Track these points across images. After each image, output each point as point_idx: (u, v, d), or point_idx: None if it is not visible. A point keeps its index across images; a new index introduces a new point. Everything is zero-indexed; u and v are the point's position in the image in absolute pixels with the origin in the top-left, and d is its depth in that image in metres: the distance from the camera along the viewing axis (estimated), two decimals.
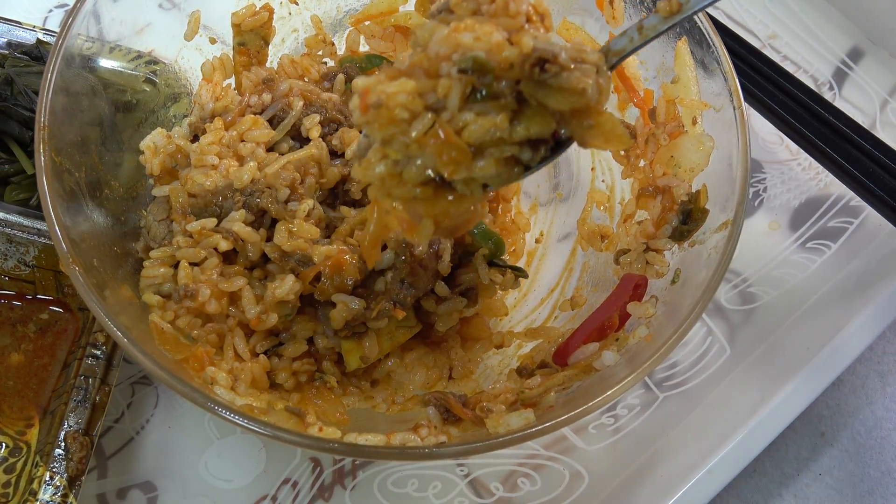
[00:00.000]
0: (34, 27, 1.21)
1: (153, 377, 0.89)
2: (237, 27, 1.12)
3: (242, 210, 0.99)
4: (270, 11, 1.14)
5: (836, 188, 1.32)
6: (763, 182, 1.35)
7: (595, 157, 1.18)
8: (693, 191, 0.99)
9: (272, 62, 1.18)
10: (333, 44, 1.21)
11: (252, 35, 1.14)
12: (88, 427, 1.00)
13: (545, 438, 1.14)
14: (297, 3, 1.18)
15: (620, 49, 0.83)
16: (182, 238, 0.99)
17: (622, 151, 1.09)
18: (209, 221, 0.99)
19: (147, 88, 1.09)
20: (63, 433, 0.98)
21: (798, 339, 1.19)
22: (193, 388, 0.83)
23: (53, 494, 0.96)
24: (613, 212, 1.14)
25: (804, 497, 1.20)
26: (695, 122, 1.00)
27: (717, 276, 0.89)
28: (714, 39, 0.98)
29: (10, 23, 1.21)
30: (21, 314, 1.13)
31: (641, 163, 1.05)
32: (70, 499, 0.96)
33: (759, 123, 1.32)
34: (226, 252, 1.00)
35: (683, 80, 1.02)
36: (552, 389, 0.93)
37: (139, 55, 1.07)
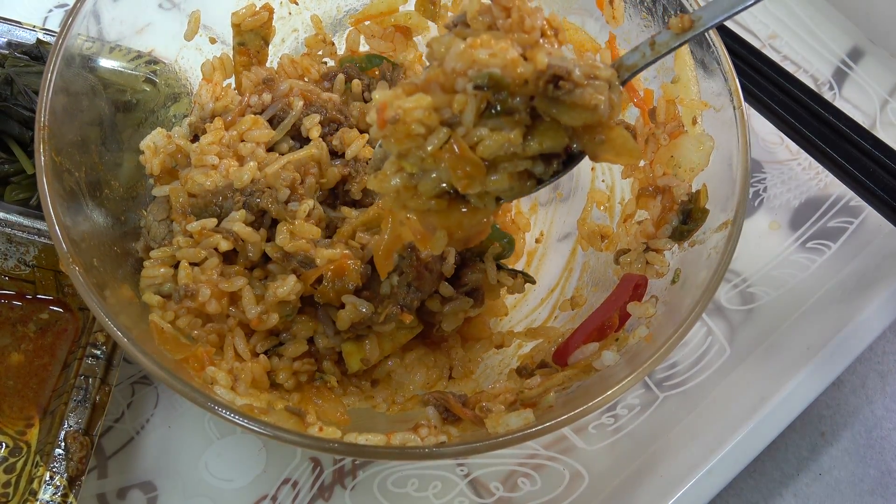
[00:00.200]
0: (34, 27, 1.21)
1: (153, 377, 0.90)
2: (237, 27, 1.13)
3: (243, 210, 0.99)
4: (270, 11, 1.14)
5: (836, 188, 1.32)
6: (763, 182, 1.35)
7: None
8: (693, 191, 0.99)
9: (272, 62, 1.18)
10: (333, 44, 1.21)
11: (252, 35, 1.14)
12: (88, 427, 1.00)
13: (545, 438, 1.14)
14: (297, 3, 1.18)
15: (633, 64, 0.85)
16: (182, 238, 0.99)
17: None
18: (209, 221, 0.99)
19: (147, 88, 1.09)
20: (63, 433, 0.98)
21: (798, 339, 1.19)
22: (194, 388, 0.83)
23: (53, 494, 0.96)
24: (613, 212, 1.14)
25: (804, 497, 1.20)
26: (695, 122, 1.00)
27: (718, 276, 0.89)
28: (714, 40, 0.98)
29: (10, 23, 1.21)
30: (21, 314, 1.13)
31: (641, 163, 1.05)
32: (70, 499, 0.96)
33: (759, 123, 1.32)
34: (226, 252, 0.99)
35: (683, 80, 1.02)
36: (552, 389, 0.93)
37: (139, 55, 1.07)
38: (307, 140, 1.06)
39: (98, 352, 1.03)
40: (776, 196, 1.34)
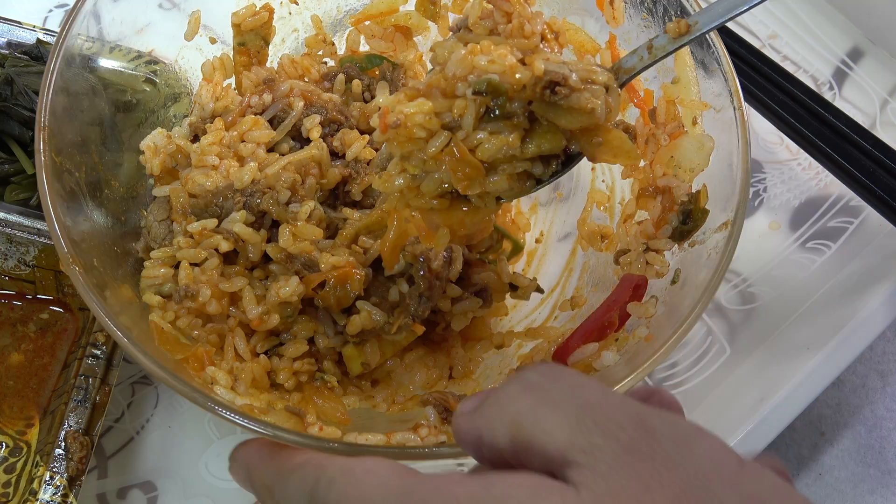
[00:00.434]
0: (34, 27, 1.21)
1: (153, 377, 0.90)
2: (237, 27, 1.12)
3: (243, 211, 0.99)
4: (270, 11, 1.13)
5: (836, 188, 1.32)
6: (763, 182, 1.35)
7: None
8: (693, 191, 0.99)
9: (272, 62, 1.18)
10: (334, 44, 1.20)
11: (252, 35, 1.13)
12: (88, 427, 1.00)
13: None
14: (298, 3, 1.18)
15: (630, 67, 0.87)
16: (183, 238, 0.99)
17: None
18: (210, 222, 0.99)
19: (147, 88, 1.09)
20: (63, 433, 0.98)
21: (798, 339, 1.19)
22: (194, 388, 0.83)
23: (53, 494, 0.96)
24: (613, 212, 1.13)
25: (804, 497, 1.20)
26: (695, 123, 1.00)
27: (718, 277, 0.89)
28: (714, 40, 0.98)
29: (10, 23, 1.21)
30: (21, 314, 1.13)
31: (641, 163, 1.05)
32: (70, 499, 0.96)
33: (759, 123, 1.32)
34: (226, 253, 0.99)
35: (683, 81, 1.02)
36: None
37: (139, 55, 1.07)
38: (307, 141, 1.06)
39: (98, 352, 1.04)
40: (776, 196, 1.34)
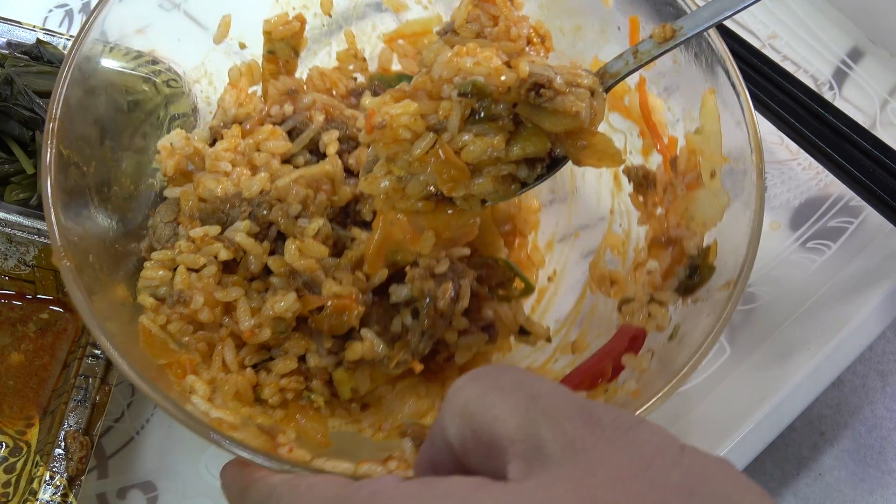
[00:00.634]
0: (34, 27, 1.21)
1: (126, 378, 0.86)
2: (268, 34, 1.11)
3: (248, 221, 0.98)
4: (302, 22, 1.12)
5: (836, 188, 1.32)
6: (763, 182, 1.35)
7: (615, 200, 1.15)
8: (704, 245, 0.97)
9: (302, 73, 1.16)
10: (365, 59, 1.19)
11: (282, 44, 1.12)
12: (88, 427, 1.00)
13: None
14: (331, 16, 1.17)
15: (616, 72, 0.87)
16: (184, 243, 0.98)
17: (640, 197, 1.08)
18: (212, 229, 0.98)
19: (146, 88, 1.09)
20: (63, 433, 0.98)
21: (798, 339, 1.18)
22: (164, 395, 0.81)
23: (53, 494, 0.96)
24: (626, 258, 1.11)
25: (804, 497, 1.20)
26: (713, 176, 0.98)
27: (712, 339, 0.86)
28: (741, 92, 0.96)
29: (10, 23, 1.21)
30: (21, 314, 1.13)
31: (659, 210, 1.04)
32: (70, 499, 0.96)
33: (760, 123, 1.31)
34: (229, 261, 0.98)
35: (707, 132, 1.00)
36: None
37: (139, 55, 1.07)
38: (324, 156, 1.05)
39: (98, 352, 1.04)
40: (776, 196, 1.34)
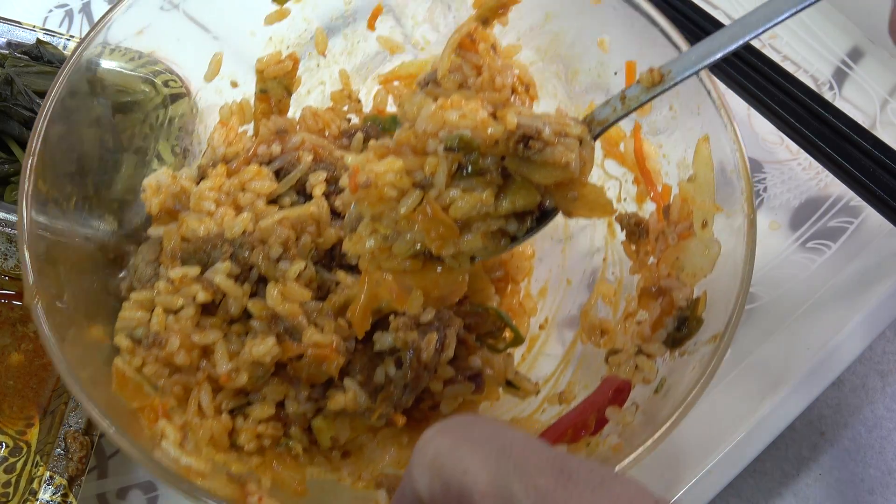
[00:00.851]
0: (34, 27, 1.21)
1: (96, 425, 0.87)
2: (260, 73, 1.10)
3: (228, 262, 0.96)
4: (295, 61, 1.11)
5: (836, 188, 1.32)
6: (763, 182, 1.35)
7: (608, 248, 1.14)
8: (693, 297, 0.96)
9: (295, 112, 1.15)
10: (360, 101, 1.18)
11: (275, 83, 1.11)
12: (88, 427, 1.00)
13: None
14: (326, 56, 1.16)
15: (604, 119, 0.84)
16: (164, 283, 0.96)
17: (633, 246, 1.07)
18: (192, 270, 0.96)
19: (146, 89, 1.09)
20: (63, 433, 0.98)
21: (798, 339, 1.19)
22: (132, 442, 0.80)
23: (53, 494, 0.96)
24: (618, 307, 1.10)
25: (805, 497, 1.20)
26: (705, 226, 0.97)
27: (697, 392, 0.85)
28: (735, 141, 0.95)
29: (10, 23, 1.21)
30: (21, 314, 1.13)
31: (651, 259, 1.03)
32: (70, 499, 0.96)
33: (759, 123, 1.32)
34: (210, 303, 0.96)
35: (700, 180, 0.99)
36: None
37: (138, 55, 1.07)
38: (311, 197, 1.03)
39: None
40: (776, 196, 1.34)
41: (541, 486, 0.54)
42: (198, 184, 1.04)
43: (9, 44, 1.19)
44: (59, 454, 0.97)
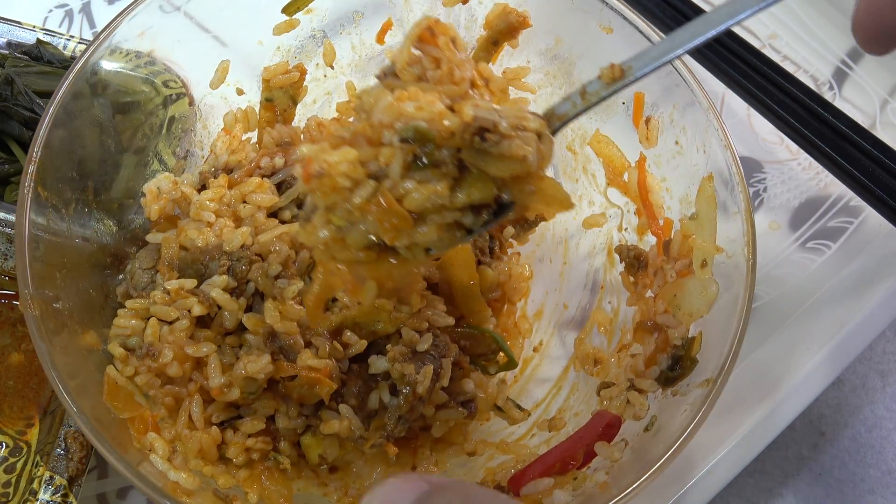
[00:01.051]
0: (34, 27, 1.21)
1: (84, 435, 0.86)
2: (266, 82, 1.10)
3: (225, 276, 0.96)
4: (302, 72, 1.11)
5: (836, 188, 1.32)
6: (763, 182, 1.35)
7: (606, 276, 1.15)
8: (689, 336, 0.96)
9: (301, 121, 1.15)
10: None
11: (281, 93, 1.11)
12: None
13: None
14: (333, 67, 1.16)
15: (563, 114, 0.84)
16: (160, 293, 0.96)
17: (631, 277, 1.07)
18: (188, 282, 0.96)
19: (146, 89, 1.09)
20: (63, 433, 0.98)
21: (798, 340, 1.19)
22: (119, 457, 0.80)
23: (53, 494, 0.96)
24: (613, 337, 1.09)
25: (805, 496, 1.20)
26: (704, 266, 0.96)
27: (688, 436, 0.84)
28: (738, 182, 0.95)
29: (10, 23, 1.21)
30: (21, 314, 1.13)
31: (648, 293, 1.03)
32: (70, 499, 0.96)
33: (759, 123, 1.32)
34: (205, 315, 0.96)
35: (702, 219, 0.99)
36: None
37: (138, 55, 1.07)
38: None
39: None
40: (776, 196, 1.34)
41: None
42: (199, 191, 1.04)
43: (9, 44, 1.19)
44: (59, 454, 0.97)
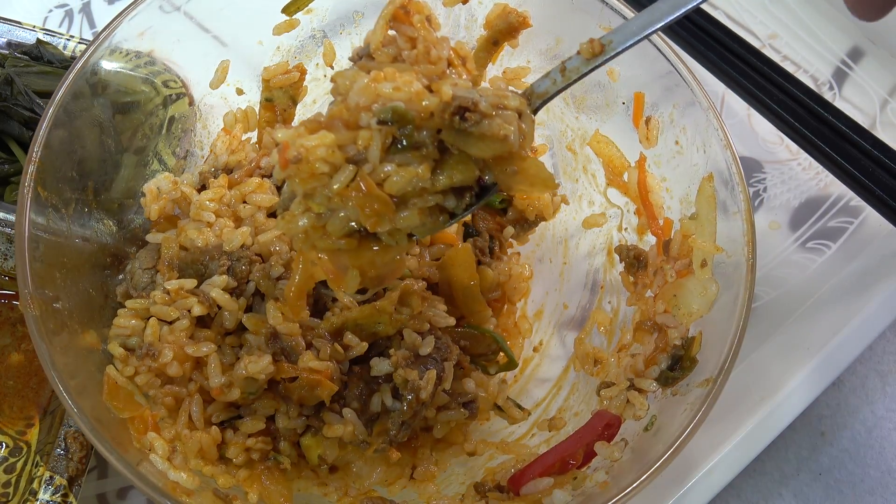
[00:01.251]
0: (34, 27, 1.21)
1: (84, 435, 0.86)
2: (266, 82, 1.10)
3: (225, 276, 0.95)
4: (302, 72, 1.11)
5: (836, 188, 1.32)
6: (763, 182, 1.35)
7: (607, 276, 1.15)
8: (689, 336, 0.95)
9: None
10: None
11: (281, 93, 1.11)
12: None
13: None
14: (333, 67, 1.15)
15: (544, 91, 0.83)
16: (160, 293, 0.95)
17: (631, 277, 1.06)
18: (188, 282, 0.95)
19: (146, 89, 1.09)
20: (63, 433, 0.98)
21: (798, 340, 1.19)
22: (119, 457, 0.80)
23: (53, 494, 0.96)
24: (612, 337, 1.09)
25: (804, 497, 1.20)
26: (704, 266, 0.96)
27: (687, 436, 0.84)
28: (738, 182, 0.95)
29: (10, 23, 1.21)
30: (21, 314, 1.13)
31: (648, 293, 1.03)
32: (70, 499, 0.96)
33: (759, 123, 1.32)
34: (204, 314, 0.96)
35: (702, 219, 0.99)
36: None
37: (137, 55, 1.07)
38: None
39: None
40: (776, 196, 1.34)
41: None
42: (199, 191, 1.04)
43: (9, 44, 1.19)
44: (59, 454, 0.97)
